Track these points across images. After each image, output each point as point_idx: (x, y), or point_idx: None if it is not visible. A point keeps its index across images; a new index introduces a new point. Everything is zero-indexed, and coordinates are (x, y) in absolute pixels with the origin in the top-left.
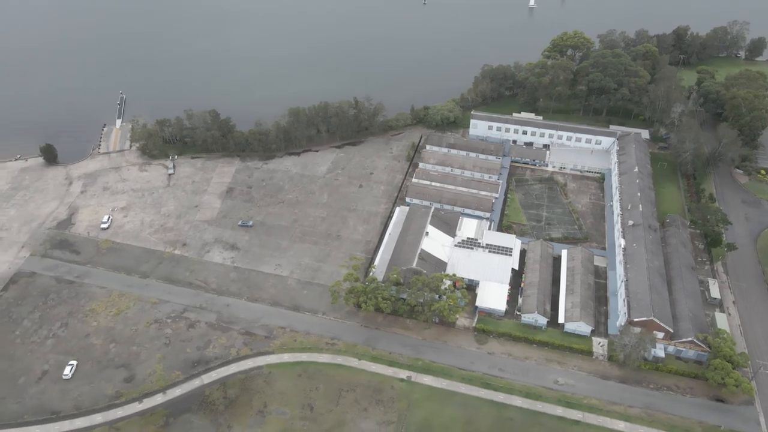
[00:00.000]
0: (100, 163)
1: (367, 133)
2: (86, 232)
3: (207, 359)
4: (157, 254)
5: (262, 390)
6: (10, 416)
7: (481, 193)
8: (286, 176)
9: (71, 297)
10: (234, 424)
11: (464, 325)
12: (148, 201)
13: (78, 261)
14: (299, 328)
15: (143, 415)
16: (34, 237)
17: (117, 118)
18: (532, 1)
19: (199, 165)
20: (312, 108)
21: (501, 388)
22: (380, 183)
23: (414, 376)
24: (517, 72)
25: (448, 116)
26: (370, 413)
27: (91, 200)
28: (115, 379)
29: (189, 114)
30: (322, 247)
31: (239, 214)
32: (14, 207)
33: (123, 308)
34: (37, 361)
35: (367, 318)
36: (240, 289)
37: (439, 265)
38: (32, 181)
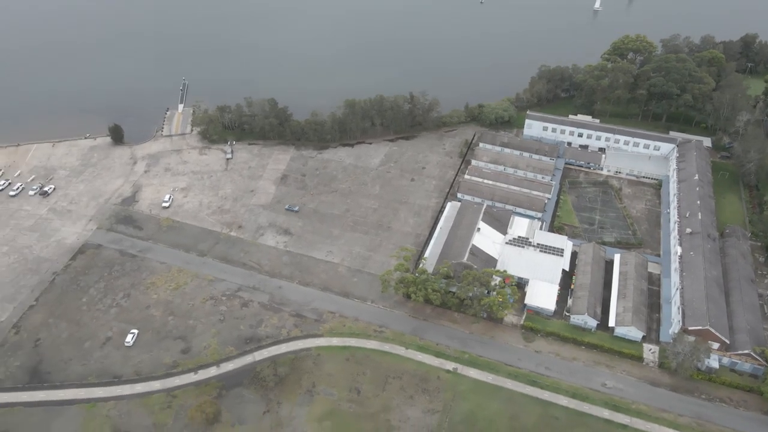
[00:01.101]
0: (163, 145)
1: (421, 128)
2: (148, 209)
3: (259, 337)
4: (214, 234)
5: (310, 370)
6: (76, 377)
7: (534, 193)
8: (340, 166)
9: (134, 270)
10: (283, 401)
11: (512, 322)
12: (206, 183)
13: (140, 236)
14: (348, 314)
15: (198, 386)
16: (100, 211)
17: (179, 103)
18: (598, 4)
19: (256, 151)
20: (368, 101)
21: (547, 386)
22: (432, 178)
23: (460, 368)
24: (575, 74)
25: (503, 115)
26: (415, 401)
27: (154, 180)
28: (172, 350)
29: (249, 102)
30: (373, 237)
31: (293, 200)
32: (83, 182)
33: (181, 283)
34: (102, 328)
35: (415, 309)
36: (292, 273)
37: (490, 261)
38: (100, 158)
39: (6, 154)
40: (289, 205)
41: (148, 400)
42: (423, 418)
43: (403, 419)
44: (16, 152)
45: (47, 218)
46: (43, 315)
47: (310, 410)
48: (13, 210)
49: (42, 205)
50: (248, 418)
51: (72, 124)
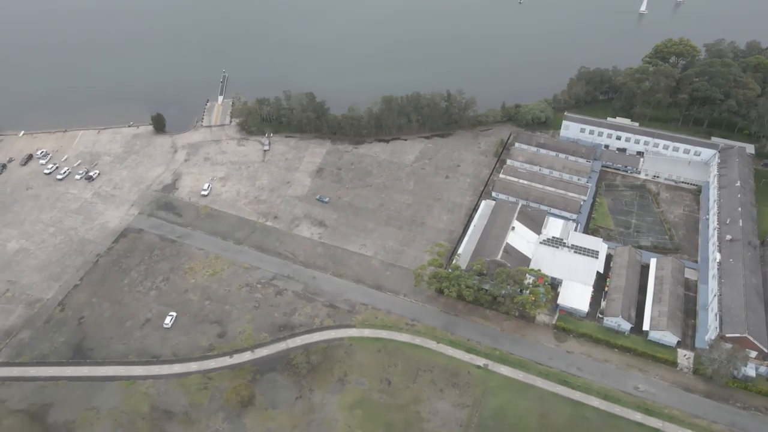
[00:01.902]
0: (203, 135)
1: (457, 127)
2: (188, 197)
3: (292, 325)
4: (250, 223)
5: (342, 360)
6: (117, 355)
7: (569, 194)
8: (375, 161)
9: (173, 255)
10: (315, 388)
11: (544, 321)
12: (244, 174)
13: (180, 223)
14: (380, 307)
15: (233, 369)
16: (142, 197)
17: (219, 95)
18: (643, 7)
19: (293, 144)
20: (404, 97)
21: (578, 386)
22: (467, 176)
23: (491, 364)
24: (614, 76)
25: (539, 116)
26: (445, 394)
27: (193, 168)
28: (209, 333)
29: (287, 95)
30: (407, 232)
31: (328, 193)
32: (126, 169)
33: (218, 270)
34: (142, 309)
35: (447, 304)
36: (326, 264)
37: (523, 260)
38: (142, 146)
39: (54, 139)
40: (320, 195)
41: (185, 381)
42: (453, 412)
43: (433, 412)
44: (63, 138)
45: (92, 202)
46: (86, 294)
47: (342, 398)
48: (60, 193)
49: (87, 189)
50: (281, 403)
51: (116, 113)
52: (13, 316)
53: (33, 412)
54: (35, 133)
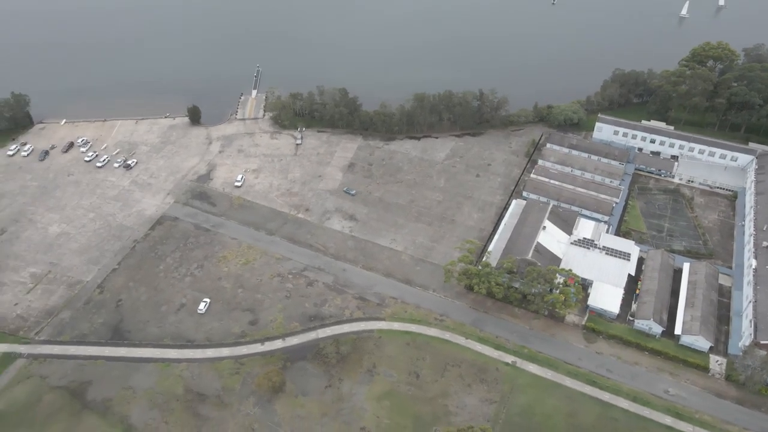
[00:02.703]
0: (236, 128)
1: (488, 126)
2: (222, 187)
3: (323, 316)
4: (282, 215)
5: (371, 351)
6: (152, 338)
7: (601, 196)
8: (406, 158)
9: (207, 243)
10: (344, 378)
11: (573, 321)
12: (276, 166)
13: (214, 212)
14: (410, 301)
15: (264, 356)
16: (177, 186)
17: (253, 89)
18: (684, 11)
19: (325, 138)
20: (436, 95)
21: (607, 387)
22: (497, 175)
23: (519, 362)
24: (650, 79)
25: (572, 117)
26: (473, 390)
27: (227, 160)
28: (241, 320)
29: (321, 90)
30: (437, 228)
31: (359, 187)
32: (163, 158)
33: (251, 259)
34: (177, 295)
35: (476, 301)
36: (356, 257)
37: (554, 259)
38: (178, 137)
39: (94, 128)
40: (347, 188)
41: (218, 365)
42: (480, 407)
43: (461, 406)
44: (103, 127)
45: (129, 189)
46: (124, 278)
47: (370, 389)
48: (100, 180)
49: (125, 177)
50: (311, 391)
51: (154, 104)
52: (54, 297)
53: (73, 388)
54: (76, 122)
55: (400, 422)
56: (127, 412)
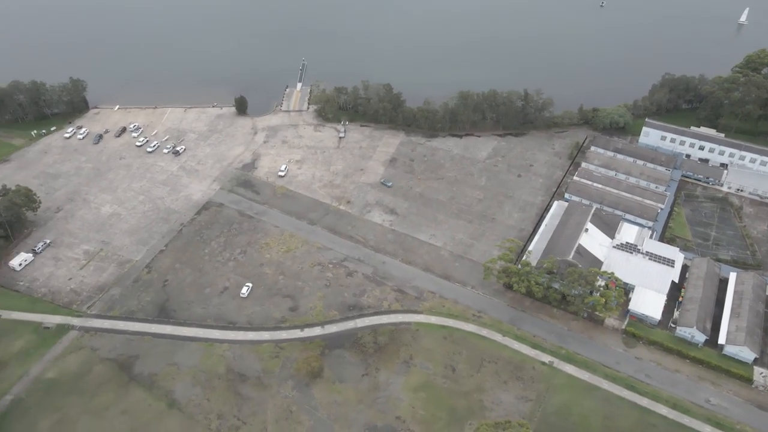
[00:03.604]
0: (281, 119)
1: (531, 127)
2: (266, 176)
3: (361, 306)
4: (324, 206)
5: (408, 343)
6: (196, 318)
7: (646, 202)
8: (448, 155)
9: (250, 230)
10: (381, 367)
11: (613, 325)
12: (319, 158)
13: (257, 200)
14: (448, 296)
15: (303, 342)
16: (223, 174)
17: (298, 82)
18: (744, 17)
19: (367, 133)
20: (481, 94)
21: (646, 393)
22: (539, 176)
23: (556, 362)
24: (701, 85)
25: (618, 121)
26: (509, 387)
27: (272, 150)
28: (281, 306)
29: (365, 85)
30: (477, 226)
31: (400, 182)
32: (210, 146)
33: (292, 247)
34: (220, 278)
35: (514, 299)
36: (395, 250)
37: (595, 262)
38: (225, 126)
39: (145, 114)
40: (384, 179)
41: (259, 348)
42: (515, 404)
43: (496, 402)
44: (153, 114)
45: (178, 175)
46: (171, 260)
47: (407, 380)
48: (150, 164)
49: (174, 162)
50: (348, 378)
51: (202, 93)
52: (105, 274)
53: (121, 362)
54: (129, 108)
55: (436, 414)
56: (171, 387)
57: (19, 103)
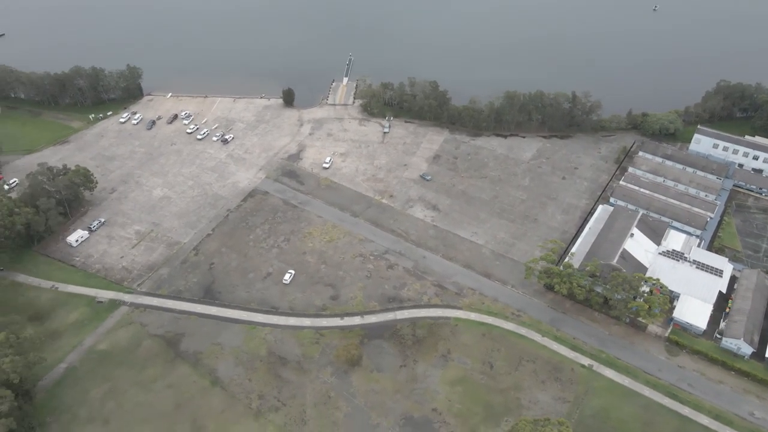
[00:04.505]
0: (327, 112)
1: (577, 129)
2: (310, 167)
3: (401, 299)
4: (366, 199)
5: (447, 338)
6: (241, 301)
7: (695, 210)
8: (491, 155)
9: (294, 218)
10: (419, 360)
11: (655, 332)
12: (363, 152)
13: (302, 190)
14: (488, 294)
15: (343, 330)
16: (269, 163)
17: (344, 76)
18: None
19: (411, 129)
20: (527, 95)
21: (688, 402)
22: (584, 179)
23: (596, 365)
24: (757, 93)
25: (668, 127)
26: (547, 387)
27: (317, 142)
28: (323, 294)
29: (412, 81)
30: (519, 226)
31: (443, 179)
32: (257, 136)
33: (334, 237)
34: (264, 264)
35: (555, 300)
36: (436, 246)
37: (639, 268)
38: (272, 117)
39: (196, 103)
40: (424, 173)
41: (299, 333)
42: (553, 404)
43: (533, 401)
44: (204, 102)
45: (225, 162)
46: (217, 244)
47: (444, 373)
48: (199, 151)
49: (222, 150)
50: (386, 368)
51: (251, 84)
52: (155, 254)
53: (168, 338)
54: (180, 96)
55: (472, 408)
56: (215, 366)
57: (79, 87)
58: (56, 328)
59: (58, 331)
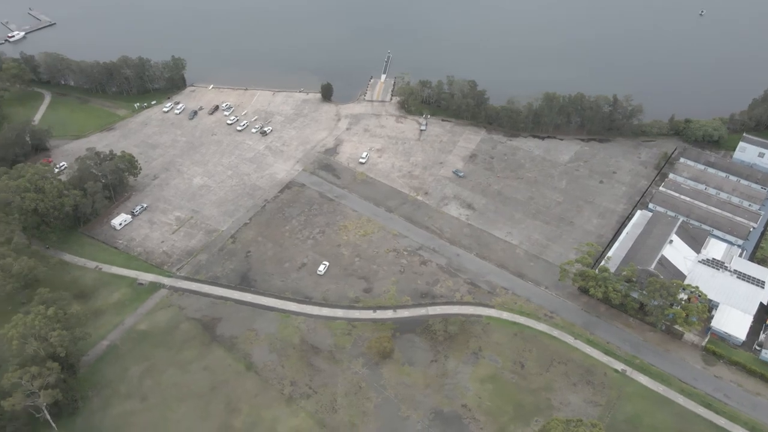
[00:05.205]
0: (364, 108)
1: (617, 133)
2: (347, 162)
3: (433, 294)
4: (402, 195)
5: (479, 335)
6: (275, 289)
7: (737, 219)
8: (528, 156)
9: (329, 211)
10: (450, 356)
11: (692, 341)
12: (399, 149)
13: (338, 184)
14: (521, 294)
15: (375, 323)
16: (306, 156)
17: (382, 73)
18: None
19: (448, 128)
20: (567, 97)
21: (724, 413)
22: (622, 184)
23: (629, 371)
24: None
25: (712, 134)
26: (578, 389)
27: (354, 137)
28: (356, 287)
29: (450, 80)
30: (554, 228)
31: (479, 179)
32: (295, 129)
33: (369, 232)
34: (299, 255)
35: (589, 304)
36: (470, 244)
37: (677, 275)
38: (310, 111)
39: (237, 95)
40: (456, 169)
41: (332, 324)
42: (584, 407)
43: (564, 402)
44: (244, 95)
45: (264, 154)
46: (254, 233)
47: (475, 370)
48: (239, 142)
49: (261, 142)
50: (417, 362)
51: (290, 79)
52: (194, 240)
53: (205, 322)
54: (221, 88)
55: (501, 407)
56: (249, 351)
57: (125, 76)
58: (99, 306)
59: (101, 309)
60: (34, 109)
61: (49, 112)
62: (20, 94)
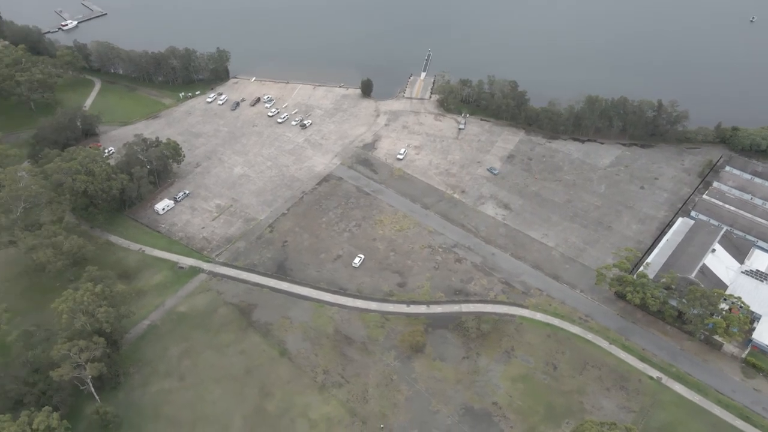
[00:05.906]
0: (403, 105)
1: (660, 139)
2: (384, 158)
3: (467, 292)
4: (438, 192)
5: (511, 335)
6: (311, 280)
7: None
8: (567, 158)
9: (366, 205)
10: (482, 353)
11: (731, 352)
12: (437, 146)
13: (375, 179)
14: (555, 296)
15: (408, 317)
16: (344, 150)
17: (422, 71)
18: None
19: (487, 128)
20: (609, 100)
21: (762, 426)
22: (664, 190)
23: (665, 379)
24: None
25: (760, 143)
26: (611, 395)
27: (392, 133)
28: (390, 281)
29: (491, 80)
30: (591, 232)
31: (516, 179)
32: (334, 123)
33: (404, 227)
34: (335, 246)
35: (625, 309)
36: (506, 244)
37: (719, 285)
38: (349, 106)
39: (278, 88)
40: (491, 167)
41: (365, 316)
42: (617, 413)
43: (597, 406)
44: (285, 88)
45: (303, 146)
46: (291, 223)
47: (506, 369)
48: (278, 134)
49: (300, 134)
50: (448, 358)
51: (331, 73)
52: (233, 228)
53: (242, 307)
54: (263, 81)
55: (532, 407)
56: (283, 338)
57: (172, 66)
58: (141, 287)
59: (143, 290)
60: (85, 95)
61: (99, 99)
62: (72, 80)
